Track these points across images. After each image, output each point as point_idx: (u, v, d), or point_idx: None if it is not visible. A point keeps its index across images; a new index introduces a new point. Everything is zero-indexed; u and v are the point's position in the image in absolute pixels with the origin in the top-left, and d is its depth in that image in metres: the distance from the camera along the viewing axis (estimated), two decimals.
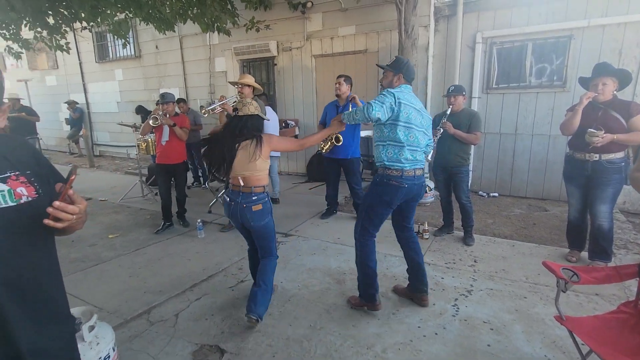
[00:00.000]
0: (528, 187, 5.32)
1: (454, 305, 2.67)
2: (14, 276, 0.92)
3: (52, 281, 1.04)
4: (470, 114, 3.59)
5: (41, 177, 1.05)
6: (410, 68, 2.50)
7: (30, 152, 1.07)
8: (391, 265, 3.31)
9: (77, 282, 3.12)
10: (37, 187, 1.02)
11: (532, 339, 2.29)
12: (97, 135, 10.33)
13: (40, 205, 1.01)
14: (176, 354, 2.21)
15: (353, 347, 2.25)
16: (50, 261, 1.06)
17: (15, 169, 0.99)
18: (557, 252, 3.51)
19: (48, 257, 1.05)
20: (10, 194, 0.95)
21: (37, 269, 0.99)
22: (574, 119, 3.00)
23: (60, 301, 1.07)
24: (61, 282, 1.10)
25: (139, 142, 5.75)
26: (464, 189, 3.65)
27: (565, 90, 4.83)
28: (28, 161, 1.04)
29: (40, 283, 0.99)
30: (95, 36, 9.29)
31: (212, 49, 7.67)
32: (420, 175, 2.51)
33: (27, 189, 0.99)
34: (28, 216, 0.96)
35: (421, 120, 2.48)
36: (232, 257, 3.52)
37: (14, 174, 0.98)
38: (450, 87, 3.63)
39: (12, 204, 0.94)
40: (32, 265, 0.97)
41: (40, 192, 1.03)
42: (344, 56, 6.27)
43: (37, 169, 1.06)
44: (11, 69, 11.43)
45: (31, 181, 1.01)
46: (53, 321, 1.02)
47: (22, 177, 0.99)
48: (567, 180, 3.31)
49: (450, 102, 3.59)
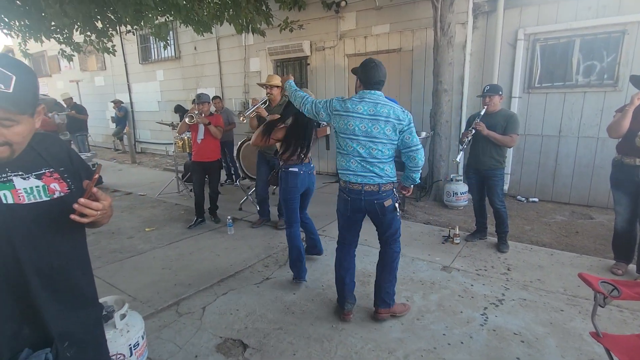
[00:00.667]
0: (572, 192, 5.00)
1: (482, 314, 2.56)
2: (45, 265, 0.99)
3: (79, 270, 1.11)
4: (506, 115, 3.42)
5: (74, 174, 1.12)
6: (366, 72, 2.28)
7: (64, 149, 1.14)
8: (418, 269, 3.23)
9: (114, 271, 3.31)
10: (69, 183, 1.09)
11: (566, 355, 2.15)
12: (139, 133, 10.88)
13: (72, 200, 1.07)
14: (201, 345, 2.28)
15: (374, 351, 2.22)
16: (79, 252, 1.12)
17: (49, 166, 1.05)
18: (602, 263, 3.27)
19: (77, 248, 1.11)
20: (45, 189, 1.02)
21: (66, 259, 1.05)
22: (623, 121, 2.78)
23: (86, 289, 1.13)
24: (89, 271, 1.17)
25: (175, 140, 6.00)
26: (498, 192, 3.49)
27: (616, 89, 4.49)
28: (62, 158, 1.10)
29: (68, 272, 1.06)
30: (139, 39, 9.78)
31: (247, 50, 7.84)
32: (370, 191, 2.29)
33: (60, 185, 1.05)
34: (60, 210, 1.02)
35: (371, 129, 2.23)
36: (259, 254, 3.58)
37: (49, 170, 1.05)
38: (486, 86, 3.48)
39: (46, 198, 1.01)
40: (61, 256, 1.04)
41: (73, 188, 1.09)
42: (377, 55, 6.18)
43: (70, 166, 1.12)
44: (65, 70, 12.31)
45: (64, 177, 1.07)
46: (79, 307, 1.09)
47: (56, 174, 1.06)
48: (614, 187, 3.08)
49: (486, 103, 3.45)
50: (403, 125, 2.26)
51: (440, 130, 5.10)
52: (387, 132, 2.24)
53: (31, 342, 0.97)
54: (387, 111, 2.23)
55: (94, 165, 6.82)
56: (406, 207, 4.93)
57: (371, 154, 2.26)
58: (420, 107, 5.85)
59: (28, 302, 0.96)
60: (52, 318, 1.00)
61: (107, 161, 9.49)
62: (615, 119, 2.89)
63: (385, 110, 2.23)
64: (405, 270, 3.22)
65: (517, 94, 5.08)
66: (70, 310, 1.07)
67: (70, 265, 1.07)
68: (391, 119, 2.23)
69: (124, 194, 6.15)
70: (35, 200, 0.99)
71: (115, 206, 5.39)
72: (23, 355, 0.94)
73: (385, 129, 2.23)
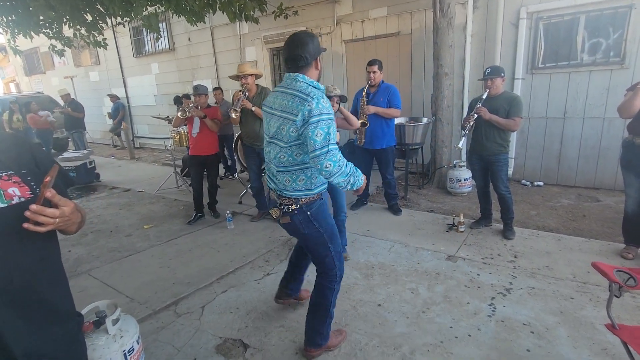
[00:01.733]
0: (578, 175, 4.88)
1: (490, 305, 2.48)
2: (3, 281, 0.90)
3: (49, 284, 1.01)
4: (509, 98, 3.29)
5: (39, 176, 1.00)
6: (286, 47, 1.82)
7: (26, 150, 1.03)
8: (422, 259, 3.15)
9: (112, 271, 3.24)
10: (33, 187, 0.98)
11: (579, 345, 2.07)
12: (137, 128, 10.76)
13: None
14: (200, 346, 2.22)
15: (379, 347, 2.15)
16: (47, 264, 1.02)
17: (7, 168, 0.95)
18: (611, 247, 3.18)
19: (44, 260, 1.01)
20: (0, 195, 0.92)
21: (30, 273, 0.95)
22: (635, 100, 2.66)
23: (59, 303, 1.03)
24: (61, 282, 1.06)
25: (172, 134, 5.90)
26: (502, 178, 3.38)
27: (623, 67, 4.32)
28: (23, 160, 1.00)
29: (32, 286, 0.96)
30: (132, 31, 9.58)
31: (242, 39, 7.65)
32: (272, 200, 1.96)
33: (20, 189, 0.95)
34: (19, 218, 0.91)
35: (267, 125, 1.86)
36: (260, 249, 3.50)
37: (6, 174, 0.95)
38: (487, 69, 3.33)
39: (1, 205, 0.91)
40: (24, 270, 0.94)
41: (37, 191, 0.98)
42: (375, 40, 6.01)
43: (35, 168, 1.02)
44: (59, 66, 12.13)
45: (27, 181, 0.97)
46: (51, 324, 1.00)
47: (15, 177, 0.96)
48: (624, 168, 2.97)
49: (488, 86, 3.31)
50: (297, 123, 1.69)
51: (441, 115, 4.97)
52: (291, 131, 1.73)
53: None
54: (289, 103, 1.73)
55: (91, 163, 6.74)
56: (409, 196, 4.84)
57: (277, 159, 1.83)
58: (421, 93, 5.70)
59: None
60: (15, 338, 0.90)
61: (105, 158, 9.40)
62: (626, 99, 2.76)
63: (287, 103, 1.74)
64: (409, 260, 3.14)
65: (520, 75, 4.92)
66: (39, 328, 0.97)
67: (35, 280, 0.97)
68: (288, 112, 1.74)
69: (122, 191, 6.08)
70: None
71: (113, 203, 5.38)
72: None
73: (290, 130, 1.73)
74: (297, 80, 1.77)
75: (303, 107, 1.67)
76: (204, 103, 4.32)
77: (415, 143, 4.78)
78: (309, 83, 1.77)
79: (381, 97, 4.01)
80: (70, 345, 1.07)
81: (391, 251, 3.32)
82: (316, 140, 1.66)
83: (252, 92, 3.93)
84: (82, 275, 3.21)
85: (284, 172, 1.83)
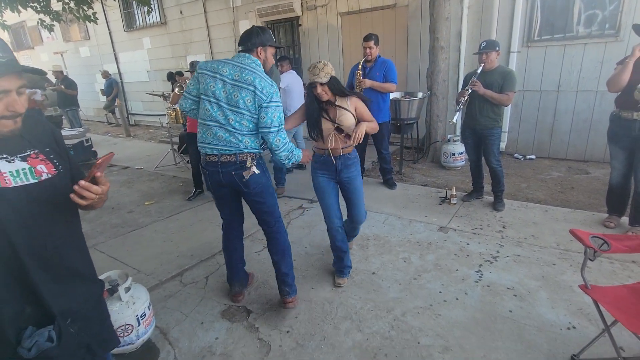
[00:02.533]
0: (569, 148, 4.99)
1: (477, 272, 2.64)
2: (38, 247, 1.01)
3: (74, 250, 1.13)
4: (504, 73, 3.33)
5: (60, 154, 1.11)
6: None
7: (48, 130, 1.12)
8: (415, 231, 3.29)
9: (117, 246, 3.37)
10: (56, 164, 1.08)
11: (557, 306, 2.24)
12: (131, 105, 10.66)
13: (60, 181, 1.08)
14: (207, 312, 2.37)
15: (373, 310, 2.31)
16: (72, 232, 1.14)
17: (33, 147, 1.04)
18: (595, 217, 3.33)
19: (70, 229, 1.13)
20: (32, 172, 1.01)
21: (59, 240, 1.07)
22: (623, 74, 2.72)
23: (83, 268, 1.16)
24: (85, 251, 1.19)
25: (168, 111, 5.89)
26: (494, 152, 3.48)
27: (618, 39, 4.34)
28: (46, 139, 1.09)
29: (63, 253, 1.08)
30: (122, 4, 9.33)
31: (236, 12, 7.50)
32: (227, 162, 2.08)
33: (46, 166, 1.05)
34: (49, 192, 1.03)
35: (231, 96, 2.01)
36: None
37: (34, 152, 1.03)
38: (482, 42, 3.36)
39: (33, 181, 1.00)
40: (54, 237, 1.05)
41: (60, 168, 1.09)
42: (372, 12, 5.93)
43: (56, 146, 1.11)
44: (47, 41, 11.83)
45: (50, 158, 1.07)
46: (78, 285, 1.12)
47: (42, 155, 1.05)
48: (611, 141, 3.06)
49: (482, 60, 3.34)
50: (262, 100, 2.00)
51: (437, 90, 5.00)
52: (247, 102, 2.00)
53: (34, 321, 1.00)
54: (252, 79, 1.99)
55: (87, 141, 6.76)
56: (404, 170, 4.94)
57: (229, 122, 2.03)
58: (417, 66, 5.70)
59: (26, 283, 0.98)
60: (51, 297, 1.03)
61: (101, 135, 9.38)
62: (615, 72, 2.82)
63: (250, 78, 2.00)
64: (402, 232, 3.28)
65: (516, 48, 4.92)
66: (70, 289, 1.10)
67: (64, 246, 1.09)
68: (252, 88, 1.99)
69: (121, 169, 6.14)
70: (22, 183, 0.98)
71: (113, 181, 5.45)
72: (27, 333, 0.98)
73: (245, 98, 2.00)
74: (251, 62, 2.07)
75: (270, 88, 2.03)
76: None
77: (410, 118, 4.84)
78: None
79: (377, 72, 4.02)
80: (97, 305, 1.21)
81: (385, 223, 3.46)
82: (270, 120, 2.04)
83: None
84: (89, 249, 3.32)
85: (244, 135, 2.08)
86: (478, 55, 3.38)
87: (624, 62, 2.76)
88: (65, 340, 1.06)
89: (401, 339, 2.07)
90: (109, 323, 1.28)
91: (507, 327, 2.11)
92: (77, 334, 1.10)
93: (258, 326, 2.24)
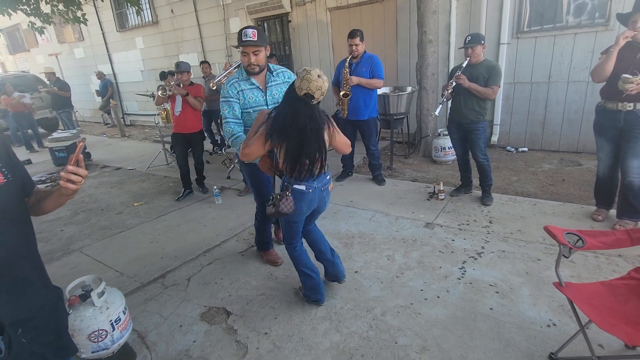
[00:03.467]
0: (561, 139, 4.93)
1: (460, 268, 2.62)
2: None
3: (24, 258, 1.12)
4: (489, 67, 3.28)
5: (10, 165, 1.12)
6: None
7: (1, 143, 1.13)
8: (401, 228, 3.26)
9: (103, 248, 3.37)
10: (5, 173, 1.08)
11: (538, 303, 2.22)
12: (126, 105, 10.65)
13: (10, 189, 1.09)
14: (186, 315, 2.36)
15: (353, 310, 2.29)
16: (22, 240, 1.12)
17: None
18: (584, 210, 3.29)
19: (19, 236, 1.11)
20: None
21: (9, 249, 1.06)
22: (607, 64, 2.67)
23: (33, 276, 1.14)
24: (36, 257, 1.18)
25: (159, 110, 5.87)
26: (480, 146, 3.43)
27: (608, 28, 4.27)
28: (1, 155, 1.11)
29: (11, 261, 1.07)
30: (114, 4, 9.29)
31: (226, 9, 7.45)
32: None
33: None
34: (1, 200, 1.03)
35: None
36: (246, 222, 3.61)
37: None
38: (467, 37, 3.31)
39: None
40: (5, 246, 1.04)
41: (9, 177, 1.09)
42: (360, 7, 5.86)
43: (6, 157, 1.12)
44: (43, 43, 11.82)
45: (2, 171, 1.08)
46: (29, 294, 1.11)
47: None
48: (597, 132, 3.02)
49: (468, 54, 3.29)
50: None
51: (426, 84, 4.94)
52: None
53: None
54: None
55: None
56: (395, 165, 4.91)
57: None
58: (407, 60, 5.63)
59: None
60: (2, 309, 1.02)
61: (96, 136, 9.39)
62: (599, 62, 2.77)
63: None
64: (388, 229, 3.26)
65: (506, 40, 4.85)
66: (21, 298, 1.09)
67: (15, 255, 1.08)
68: None
69: (113, 169, 6.14)
70: None
71: (104, 182, 5.46)
72: None
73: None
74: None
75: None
76: (186, 80, 4.29)
77: (399, 113, 4.79)
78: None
79: (363, 68, 3.98)
80: (52, 313, 1.19)
81: (372, 220, 3.43)
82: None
83: None
84: (75, 252, 3.33)
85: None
86: (464, 49, 3.33)
87: (608, 51, 2.71)
88: (16, 351, 1.05)
89: (379, 339, 2.05)
90: (65, 332, 1.27)
91: (487, 325, 2.09)
92: (29, 344, 1.09)
93: (237, 328, 2.23)
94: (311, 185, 2.07)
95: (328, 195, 2.22)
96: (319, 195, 2.13)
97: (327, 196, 2.21)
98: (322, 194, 2.14)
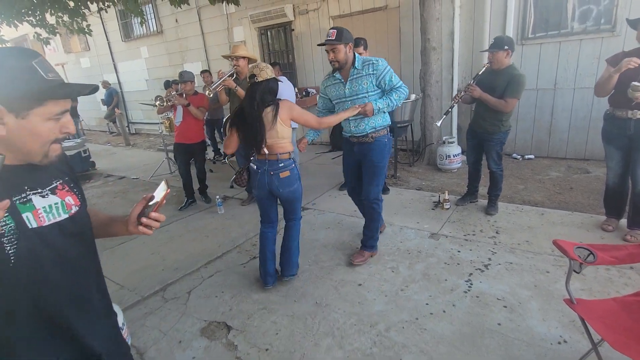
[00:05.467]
0: (568, 147, 4.85)
1: (467, 281, 2.55)
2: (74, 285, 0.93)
3: (99, 283, 1.05)
4: (509, 76, 3.06)
5: (76, 182, 1.02)
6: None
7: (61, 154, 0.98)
8: (405, 238, 3.20)
9: (104, 260, 3.25)
10: (77, 194, 0.99)
11: (548, 318, 2.14)
12: (131, 114, 10.72)
13: (84, 212, 1.00)
14: (185, 330, 2.32)
15: (356, 325, 2.24)
16: (96, 265, 1.06)
17: (56, 176, 0.94)
18: (593, 220, 3.21)
19: (94, 262, 1.05)
20: (63, 206, 0.91)
21: (89, 275, 1.00)
22: (608, 85, 2.65)
23: (107, 302, 1.09)
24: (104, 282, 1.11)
25: (162, 119, 5.89)
26: (494, 156, 3.33)
27: (614, 34, 4.21)
28: (62, 165, 0.99)
29: (91, 287, 1.01)
30: (119, 15, 9.39)
31: (230, 19, 7.49)
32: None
33: (72, 198, 0.95)
34: (79, 226, 0.94)
35: None
36: (248, 233, 3.57)
37: (59, 182, 0.94)
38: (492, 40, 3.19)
39: (65, 216, 0.91)
40: (85, 272, 0.98)
41: (81, 197, 1.00)
42: (363, 15, 5.86)
43: (71, 173, 1.02)
44: (50, 53, 11.97)
45: (71, 187, 0.97)
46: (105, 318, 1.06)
47: (65, 185, 0.95)
48: (606, 141, 2.96)
49: (489, 59, 3.14)
50: None
51: (430, 91, 4.90)
52: None
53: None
54: None
55: (85, 151, 6.77)
56: (399, 174, 4.86)
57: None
58: (411, 68, 5.60)
59: (64, 326, 0.91)
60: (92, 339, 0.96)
61: (101, 145, 9.44)
62: (601, 80, 2.72)
63: None
64: (392, 240, 3.20)
65: None
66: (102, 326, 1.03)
67: (93, 281, 1.02)
68: None
69: (117, 179, 6.15)
70: (55, 220, 0.89)
71: (108, 191, 5.46)
72: None
73: None
74: None
75: None
76: (190, 90, 4.28)
77: (403, 120, 4.74)
78: (367, 59, 2.61)
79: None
80: (118, 335, 1.13)
81: None
82: None
83: (242, 75, 3.83)
84: None
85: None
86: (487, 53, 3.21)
87: (614, 61, 2.65)
88: None
89: (383, 356, 1.99)
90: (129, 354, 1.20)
91: (495, 342, 2.02)
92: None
93: (237, 344, 2.18)
94: (261, 167, 2.45)
95: (281, 180, 2.46)
96: (268, 178, 2.45)
97: (279, 181, 2.45)
98: (271, 178, 2.45)
